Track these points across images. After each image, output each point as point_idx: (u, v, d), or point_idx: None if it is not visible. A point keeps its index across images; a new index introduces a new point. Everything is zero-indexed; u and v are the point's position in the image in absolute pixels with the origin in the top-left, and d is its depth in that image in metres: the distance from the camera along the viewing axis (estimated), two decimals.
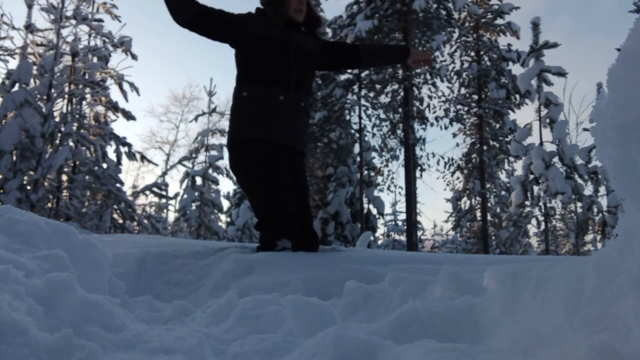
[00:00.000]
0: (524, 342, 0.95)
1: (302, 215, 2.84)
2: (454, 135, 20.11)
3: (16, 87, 9.14)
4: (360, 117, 17.48)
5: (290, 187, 2.77)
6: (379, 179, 19.06)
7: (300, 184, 2.87)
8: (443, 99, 18.97)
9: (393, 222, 24.23)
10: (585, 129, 10.83)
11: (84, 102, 10.98)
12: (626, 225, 0.83)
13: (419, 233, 22.36)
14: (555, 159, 10.51)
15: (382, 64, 3.35)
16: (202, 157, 14.76)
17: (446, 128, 19.15)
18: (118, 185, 10.64)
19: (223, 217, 17.58)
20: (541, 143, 10.93)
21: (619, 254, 0.83)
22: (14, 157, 8.94)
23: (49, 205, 9.96)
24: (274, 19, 2.85)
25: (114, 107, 11.21)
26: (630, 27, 0.79)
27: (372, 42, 3.74)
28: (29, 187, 9.04)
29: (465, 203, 21.07)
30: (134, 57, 11.51)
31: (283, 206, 2.71)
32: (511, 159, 18.89)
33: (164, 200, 17.16)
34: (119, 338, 1.19)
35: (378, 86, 17.53)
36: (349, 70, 17.57)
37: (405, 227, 19.04)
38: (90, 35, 11.37)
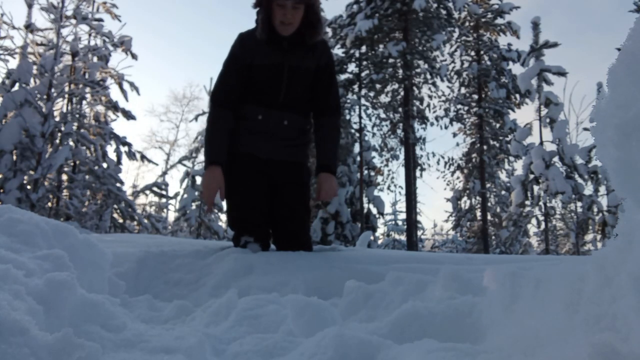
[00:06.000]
0: (524, 342, 0.95)
1: (285, 222, 2.85)
2: (454, 134, 20.14)
3: (16, 87, 9.15)
4: (360, 117, 17.47)
5: (259, 195, 2.80)
6: (379, 178, 19.06)
7: (284, 192, 2.87)
8: (443, 98, 19.01)
9: (393, 222, 24.20)
10: (585, 129, 10.84)
11: (84, 102, 10.99)
12: (626, 225, 0.83)
13: (419, 233, 22.37)
14: (556, 159, 10.52)
15: (316, 145, 3.01)
16: (202, 156, 14.76)
17: (446, 128, 19.19)
18: (118, 184, 10.64)
19: (223, 217, 17.57)
20: (541, 143, 10.93)
21: (619, 253, 0.83)
22: (14, 157, 8.94)
23: (49, 204, 9.96)
24: (259, 35, 2.74)
25: (114, 106, 11.21)
26: (629, 26, 0.79)
27: (330, 135, 3.21)
28: (29, 187, 9.05)
29: (465, 203, 21.10)
30: (134, 56, 11.51)
31: (246, 209, 2.81)
32: (511, 158, 18.91)
33: (164, 200, 17.18)
34: (119, 338, 1.19)
35: (378, 86, 17.53)
36: (349, 70, 17.61)
37: (405, 227, 19.04)
38: (90, 35, 11.38)
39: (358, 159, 17.25)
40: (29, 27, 9.99)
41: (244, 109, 2.85)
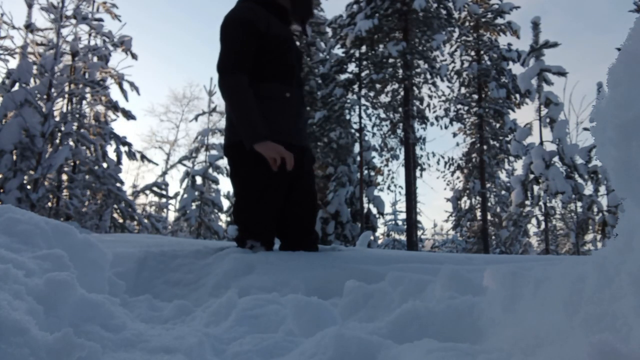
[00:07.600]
0: (524, 342, 0.95)
1: (298, 215, 2.75)
2: (454, 134, 20.15)
3: (16, 87, 9.15)
4: (360, 117, 17.47)
5: (280, 192, 2.66)
6: (379, 178, 19.07)
7: (302, 183, 2.76)
8: (443, 98, 19.01)
9: (393, 222, 24.20)
10: (585, 129, 10.83)
11: (84, 102, 10.99)
12: (626, 224, 0.83)
13: (419, 232, 22.36)
14: (556, 159, 10.51)
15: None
16: (202, 156, 14.78)
17: (446, 127, 19.18)
18: (118, 184, 10.64)
19: (223, 217, 17.58)
20: (541, 142, 10.93)
21: (619, 253, 0.83)
22: (14, 157, 8.94)
23: (49, 204, 9.96)
24: (296, 15, 2.78)
25: (114, 106, 11.21)
26: (629, 26, 0.79)
27: None
28: (29, 187, 9.05)
29: (465, 202, 21.11)
30: (134, 56, 11.52)
31: (262, 210, 2.64)
32: (511, 158, 18.92)
33: (164, 200, 17.17)
34: (119, 337, 1.19)
35: (378, 86, 17.53)
36: (349, 70, 17.62)
37: (405, 227, 19.04)
38: (90, 35, 11.38)
39: (358, 159, 17.26)
40: (29, 27, 9.99)
41: (263, 87, 2.62)
